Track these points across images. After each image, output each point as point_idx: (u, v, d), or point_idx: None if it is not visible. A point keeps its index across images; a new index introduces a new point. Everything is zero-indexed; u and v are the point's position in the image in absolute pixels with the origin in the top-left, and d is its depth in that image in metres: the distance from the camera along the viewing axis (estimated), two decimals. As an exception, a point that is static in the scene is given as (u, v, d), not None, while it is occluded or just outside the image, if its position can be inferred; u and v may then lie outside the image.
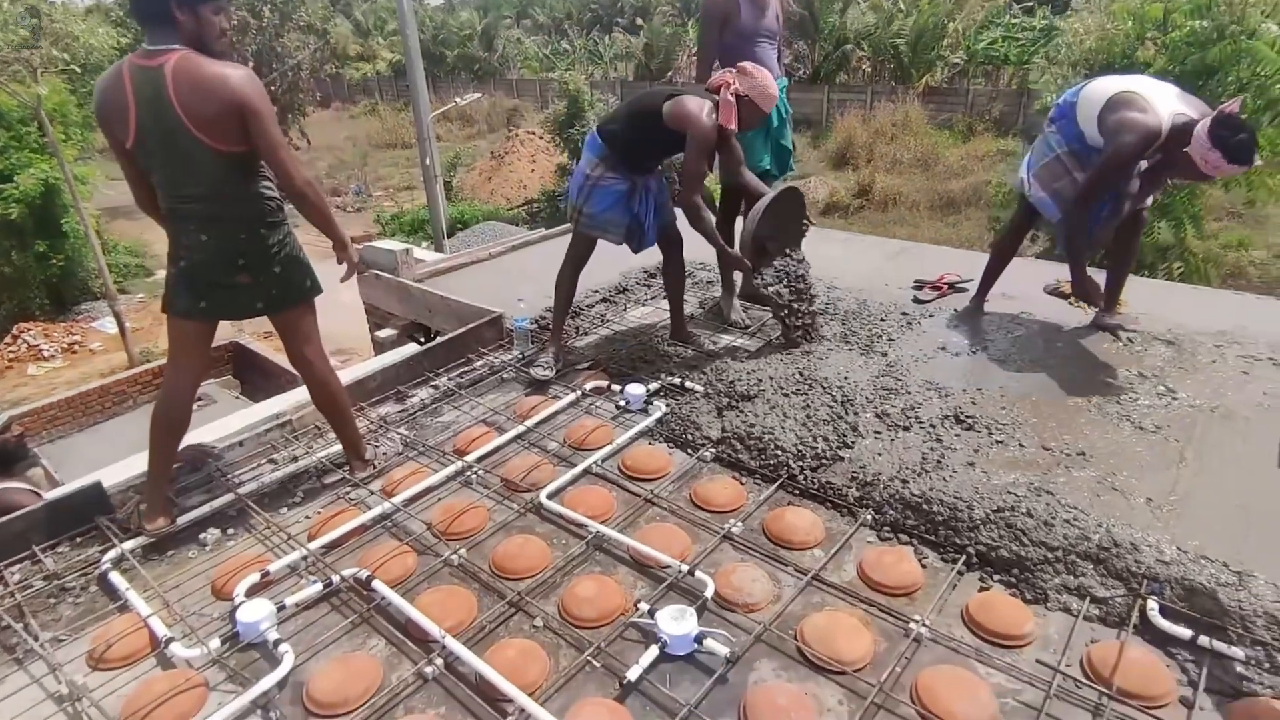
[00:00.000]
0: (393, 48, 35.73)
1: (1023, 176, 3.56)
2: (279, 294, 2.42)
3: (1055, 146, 3.38)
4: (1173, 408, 2.94)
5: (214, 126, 2.13)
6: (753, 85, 3.07)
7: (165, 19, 2.12)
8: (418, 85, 10.63)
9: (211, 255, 2.28)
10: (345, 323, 8.55)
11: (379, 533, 2.47)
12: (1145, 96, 3.05)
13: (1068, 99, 3.37)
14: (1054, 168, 3.39)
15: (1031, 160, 3.53)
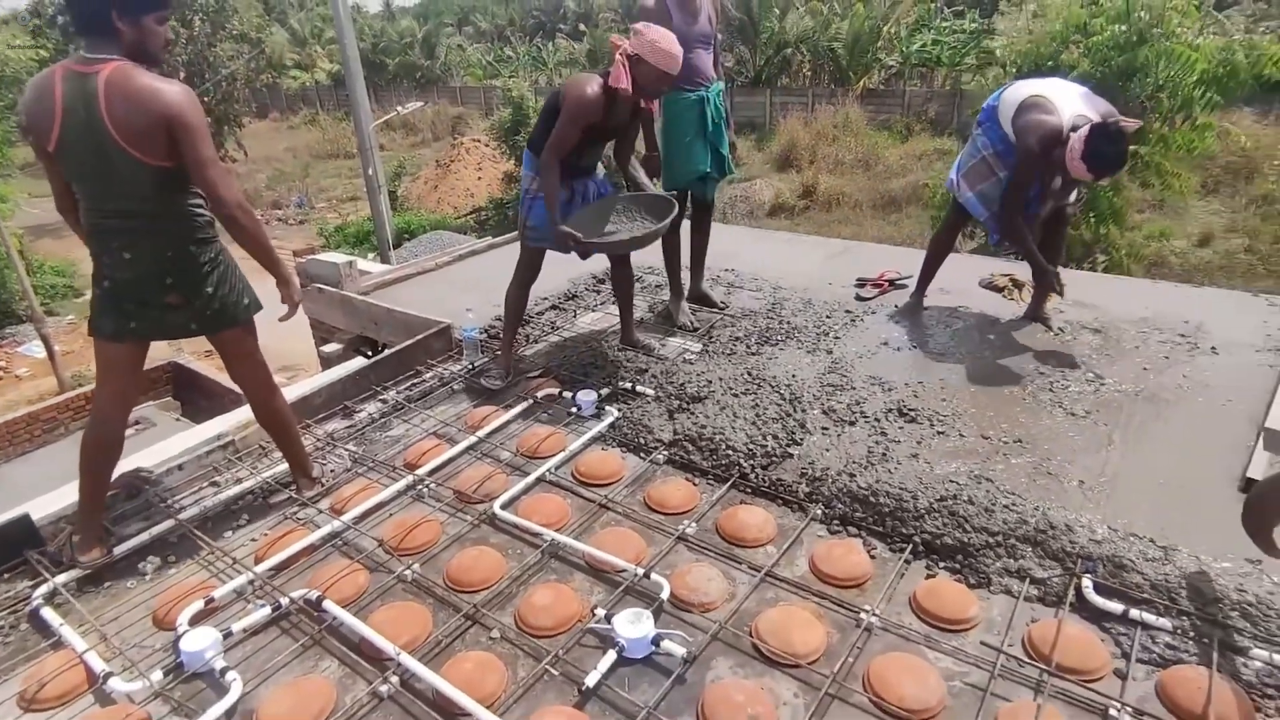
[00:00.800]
0: (331, 56, 35.05)
1: (952, 177, 3.70)
2: (213, 315, 2.35)
3: (981, 149, 3.53)
4: (1101, 393, 3.07)
5: (143, 139, 2.06)
6: (643, 42, 2.91)
7: (106, 29, 2.06)
8: (358, 94, 10.45)
9: (137, 274, 2.20)
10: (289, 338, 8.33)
11: (329, 552, 2.42)
12: (1052, 100, 3.22)
13: (991, 102, 3.51)
14: (980, 169, 3.53)
15: (961, 161, 3.68)
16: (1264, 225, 13.09)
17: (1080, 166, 3.06)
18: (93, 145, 2.06)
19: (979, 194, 3.55)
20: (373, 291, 4.79)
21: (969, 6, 24.45)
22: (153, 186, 2.14)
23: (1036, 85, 3.37)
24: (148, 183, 2.13)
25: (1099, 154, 3.03)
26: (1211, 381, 3.14)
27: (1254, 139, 12.07)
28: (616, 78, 2.91)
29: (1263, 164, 13.22)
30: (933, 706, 1.74)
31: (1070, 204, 3.59)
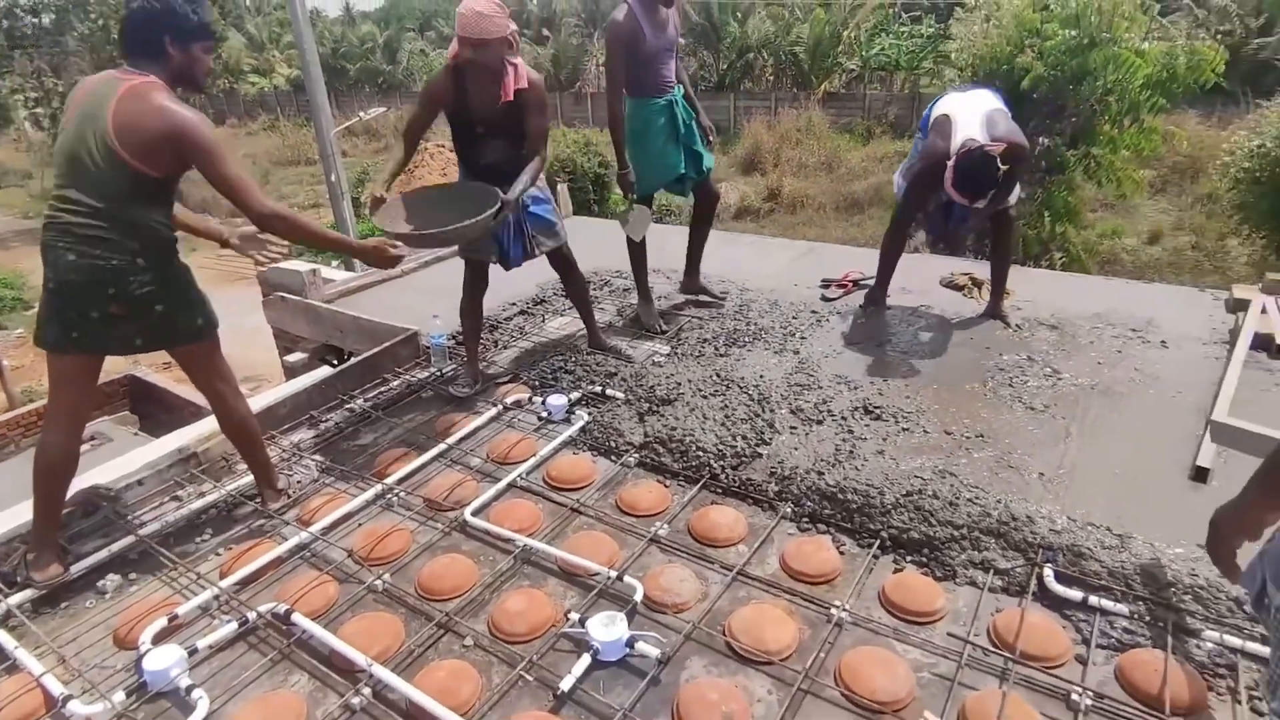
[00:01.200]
0: (290, 61, 34.49)
1: (897, 180, 3.86)
2: (164, 333, 2.29)
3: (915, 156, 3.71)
4: (1058, 387, 3.16)
5: (140, 145, 2.09)
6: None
7: (157, 52, 2.17)
8: (318, 100, 10.30)
9: (79, 279, 2.12)
10: (252, 348, 8.19)
11: (297, 564, 2.38)
12: (953, 121, 3.40)
13: (927, 113, 3.66)
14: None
15: (904, 166, 3.84)
16: (1209, 223, 13.56)
17: (954, 191, 3.28)
18: (86, 134, 2.09)
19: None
20: (337, 299, 4.73)
21: (925, 12, 24.93)
22: (126, 191, 2.11)
23: (950, 104, 3.54)
24: (123, 185, 2.11)
25: (966, 178, 3.24)
26: (1162, 374, 3.25)
27: (1197, 140, 12.50)
28: (451, 51, 2.98)
29: (1206, 164, 13.68)
30: (903, 698, 1.78)
31: (1010, 206, 3.68)
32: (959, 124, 3.39)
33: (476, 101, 3.01)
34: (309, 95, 10.47)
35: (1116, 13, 7.12)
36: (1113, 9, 7.14)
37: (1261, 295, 3.82)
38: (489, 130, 3.09)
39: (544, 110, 3.13)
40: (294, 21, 10.10)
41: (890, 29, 24.72)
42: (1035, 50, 7.40)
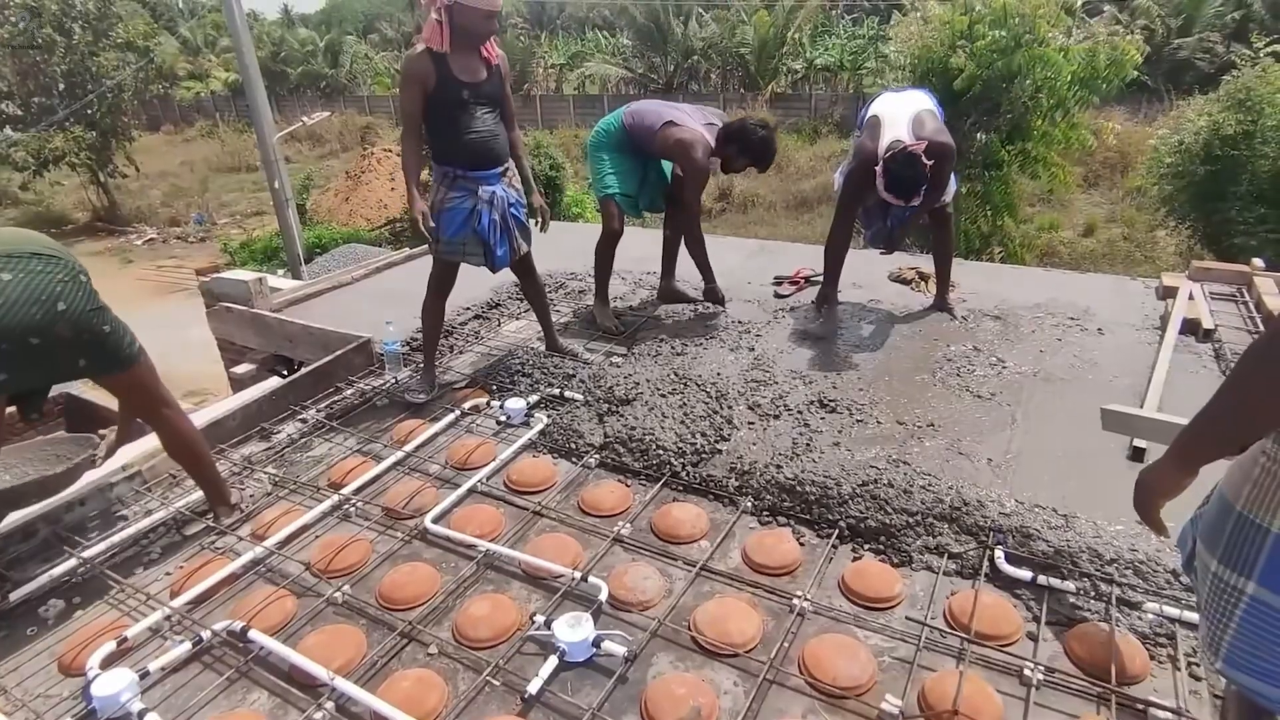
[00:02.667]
0: (227, 66, 33.44)
1: (835, 178, 3.92)
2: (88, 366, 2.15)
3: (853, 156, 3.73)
4: (1003, 376, 3.27)
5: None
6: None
7: None
8: (259, 105, 10.04)
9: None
10: (196, 361, 7.93)
11: (252, 580, 2.32)
12: (882, 123, 3.49)
13: (863, 112, 3.75)
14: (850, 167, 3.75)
15: (843, 166, 3.89)
16: (1138, 215, 14.14)
17: (886, 193, 3.38)
18: None
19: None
20: (286, 308, 4.62)
21: (866, 14, 25.49)
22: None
23: (882, 104, 3.63)
24: None
25: (894, 180, 3.33)
26: (1099, 360, 3.39)
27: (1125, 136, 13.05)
28: (429, 37, 2.92)
29: (1134, 159, 14.30)
30: (864, 683, 1.82)
31: (946, 203, 3.80)
32: (886, 124, 3.47)
33: (459, 70, 2.99)
34: (249, 100, 10.19)
35: (1037, 14, 7.41)
36: (1034, 11, 7.43)
37: (1188, 282, 4.02)
38: (476, 97, 3.04)
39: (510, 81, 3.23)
40: (230, 25, 9.82)
41: (833, 30, 25.21)
42: (967, 51, 7.64)
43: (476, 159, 3.10)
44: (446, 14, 2.87)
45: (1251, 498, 1.19)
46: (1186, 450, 1.28)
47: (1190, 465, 1.28)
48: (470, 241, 3.18)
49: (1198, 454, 1.27)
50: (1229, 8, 20.48)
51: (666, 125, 3.69)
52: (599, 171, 3.90)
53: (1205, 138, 8.66)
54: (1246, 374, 1.14)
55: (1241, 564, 1.20)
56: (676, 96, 24.61)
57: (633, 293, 4.56)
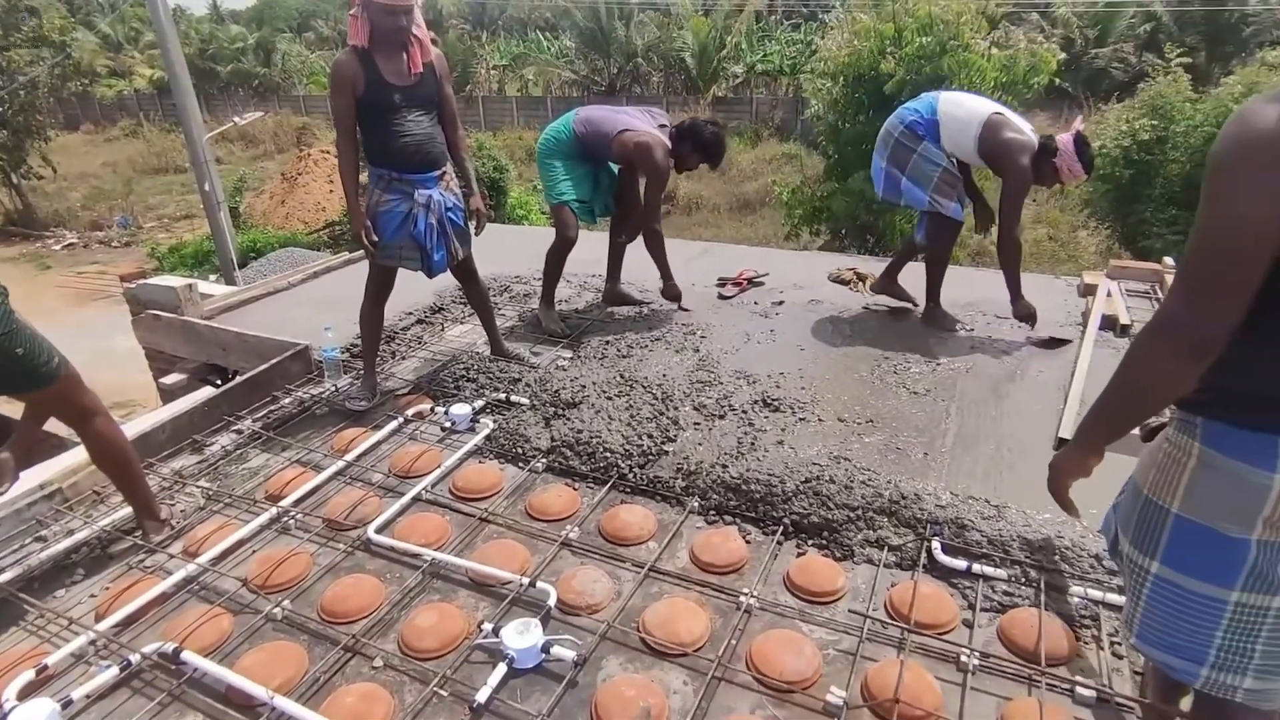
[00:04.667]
0: (152, 62, 32.08)
1: (925, 198, 3.68)
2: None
3: (940, 161, 3.64)
4: (937, 372, 3.39)
5: None
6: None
7: None
8: (187, 104, 9.65)
9: None
10: (122, 371, 7.58)
11: (185, 599, 2.23)
12: (1010, 118, 3.53)
13: (926, 116, 3.63)
14: (948, 178, 3.65)
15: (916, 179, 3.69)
16: (1062, 216, 14.80)
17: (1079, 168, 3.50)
18: None
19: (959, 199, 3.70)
20: (219, 315, 4.46)
21: (804, 19, 26.02)
22: None
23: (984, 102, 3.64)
24: None
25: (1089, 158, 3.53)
26: (1027, 356, 3.54)
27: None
28: (350, 34, 2.89)
29: (1058, 163, 14.92)
30: (810, 676, 1.86)
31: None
32: (1012, 119, 3.53)
33: (389, 73, 2.92)
34: (176, 99, 9.79)
35: (960, 22, 7.71)
36: (957, 18, 7.72)
37: (1107, 280, 4.23)
38: (409, 99, 2.97)
39: (451, 81, 3.16)
40: (155, 20, 9.43)
41: (772, 35, 25.65)
42: (896, 57, 7.89)
43: (411, 162, 3.04)
44: (362, 9, 2.83)
45: (1155, 482, 1.27)
46: (1088, 434, 1.39)
47: (1092, 447, 1.39)
48: (407, 246, 3.12)
49: (1097, 436, 1.38)
50: (1140, 20, 21.63)
51: (623, 131, 3.71)
52: (552, 178, 3.88)
53: (1124, 143, 9.12)
54: (1133, 361, 1.23)
55: (1147, 545, 1.29)
56: (620, 99, 24.70)
57: (578, 295, 4.56)
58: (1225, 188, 1.08)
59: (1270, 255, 1.05)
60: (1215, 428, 1.19)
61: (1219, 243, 1.09)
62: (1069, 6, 21.85)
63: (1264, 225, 1.03)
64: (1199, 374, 1.14)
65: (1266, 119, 1.03)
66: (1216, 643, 1.23)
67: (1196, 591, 1.22)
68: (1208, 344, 1.11)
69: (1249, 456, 1.15)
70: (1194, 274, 1.14)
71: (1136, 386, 1.24)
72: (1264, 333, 1.11)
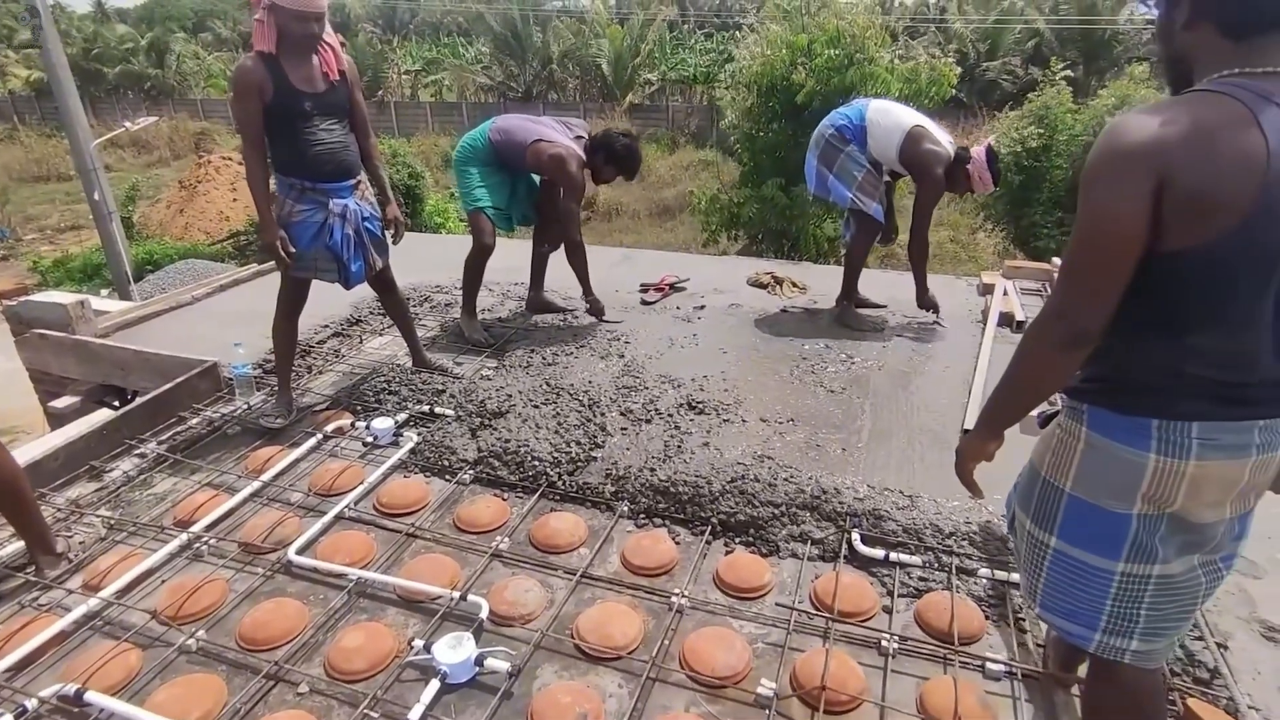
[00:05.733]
0: (29, 62, 29.84)
1: (849, 195, 3.88)
2: None
3: (864, 163, 3.85)
4: (852, 370, 3.54)
5: None
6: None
7: None
8: (70, 108, 9.03)
9: None
10: (6, 396, 7.00)
11: (86, 635, 2.10)
12: (929, 129, 3.73)
13: (855, 122, 3.85)
14: (871, 179, 3.86)
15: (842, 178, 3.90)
16: (961, 219, 15.64)
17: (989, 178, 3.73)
18: None
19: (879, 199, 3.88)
20: (115, 333, 4.20)
21: (716, 29, 26.59)
22: None
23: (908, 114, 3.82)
24: None
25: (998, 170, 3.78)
26: (934, 352, 3.74)
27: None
28: (255, 39, 2.79)
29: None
30: (741, 670, 1.91)
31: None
32: (931, 130, 3.73)
33: (298, 80, 2.82)
34: (58, 102, 9.15)
35: (865, 35, 8.07)
36: (862, 32, 8.08)
37: (1002, 280, 4.52)
38: (319, 107, 2.87)
39: (361, 88, 3.10)
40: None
41: (686, 44, 26.09)
42: (806, 68, 8.18)
43: (324, 172, 2.95)
44: (269, 14, 2.73)
45: (1050, 464, 1.39)
46: (987, 421, 1.51)
47: (992, 432, 1.51)
48: (322, 257, 3.03)
49: (995, 422, 1.49)
50: (1025, 36, 23.12)
51: (536, 142, 3.71)
52: (467, 185, 3.84)
53: (1015, 150, 9.73)
54: (1022, 353, 1.35)
55: (1046, 521, 1.40)
56: (536, 105, 24.57)
57: (501, 304, 4.52)
58: (1095, 193, 1.20)
59: (1136, 254, 1.17)
60: (1098, 413, 1.31)
61: (1091, 243, 1.21)
62: (962, 22, 23.16)
63: (1128, 226, 1.15)
64: (1078, 363, 1.27)
65: (1130, 130, 1.15)
66: (1107, 609, 1.34)
67: (1088, 563, 1.34)
68: (1084, 336, 1.23)
69: (1126, 438, 1.27)
70: (1071, 273, 1.25)
71: (1025, 376, 1.36)
72: (1133, 325, 1.23)
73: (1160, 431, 1.24)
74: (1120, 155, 1.15)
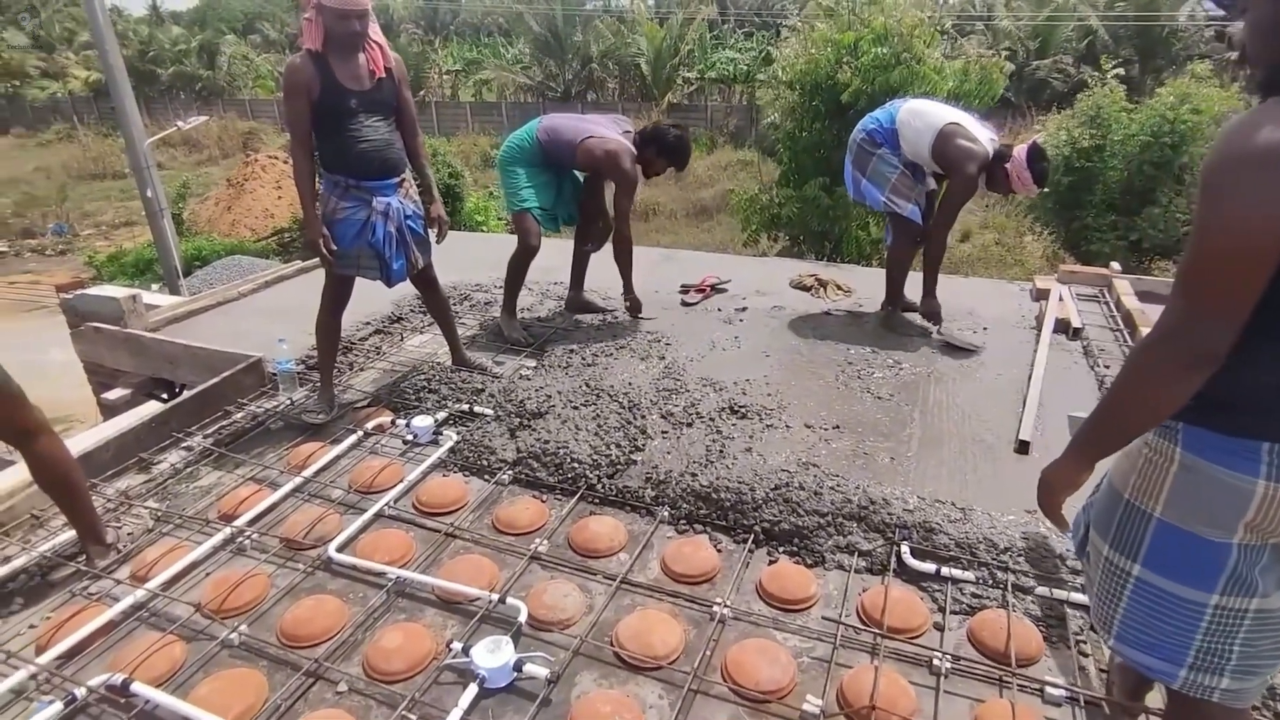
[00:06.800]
0: (88, 64, 30.92)
1: (882, 199, 3.80)
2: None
3: (896, 164, 3.76)
4: (900, 376, 3.44)
5: None
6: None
7: None
8: (126, 108, 9.29)
9: None
10: (61, 387, 7.23)
11: (134, 626, 2.12)
12: (966, 126, 3.61)
13: (885, 125, 3.76)
14: (905, 180, 3.76)
15: (875, 181, 3.83)
16: (1007, 222, 15.27)
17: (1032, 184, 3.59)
18: None
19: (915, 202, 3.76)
20: (165, 327, 4.29)
21: (757, 28, 26.39)
22: None
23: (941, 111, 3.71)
24: None
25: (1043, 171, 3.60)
26: (984, 359, 3.62)
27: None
28: (305, 37, 2.81)
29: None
30: (785, 685, 1.85)
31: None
32: (969, 127, 3.61)
33: (345, 77, 2.85)
34: (114, 102, 9.42)
35: (913, 34, 7.88)
36: (910, 31, 7.89)
37: (1058, 285, 4.36)
38: (365, 104, 2.90)
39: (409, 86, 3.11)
40: (91, 21, 9.05)
41: (726, 43, 25.94)
42: (852, 67, 8.02)
43: (368, 169, 2.96)
44: (317, 13, 2.76)
45: (1137, 486, 1.29)
46: (1084, 448, 1.38)
47: (1087, 461, 1.39)
48: (365, 254, 3.05)
49: (1092, 450, 1.37)
50: (1078, 34, 22.49)
51: (587, 139, 3.69)
52: (514, 185, 3.83)
53: (1065, 151, 9.43)
54: (1130, 376, 1.23)
55: (1129, 548, 1.30)
56: (575, 105, 24.69)
57: (540, 304, 4.51)
58: (1226, 201, 1.08)
59: (1272, 266, 1.07)
60: (1195, 433, 1.21)
61: (1219, 256, 1.10)
62: (1010, 19, 22.61)
63: (1266, 237, 1.05)
64: (1197, 387, 1.15)
65: (1263, 134, 1.05)
66: (1195, 644, 1.25)
67: (1177, 594, 1.24)
68: (1207, 357, 1.12)
69: (1231, 462, 1.17)
70: (1194, 287, 1.13)
71: (1134, 401, 1.23)
72: (1246, 339, 1.12)
73: (1272, 455, 1.14)
74: (1256, 160, 1.05)
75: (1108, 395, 1.29)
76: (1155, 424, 1.26)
